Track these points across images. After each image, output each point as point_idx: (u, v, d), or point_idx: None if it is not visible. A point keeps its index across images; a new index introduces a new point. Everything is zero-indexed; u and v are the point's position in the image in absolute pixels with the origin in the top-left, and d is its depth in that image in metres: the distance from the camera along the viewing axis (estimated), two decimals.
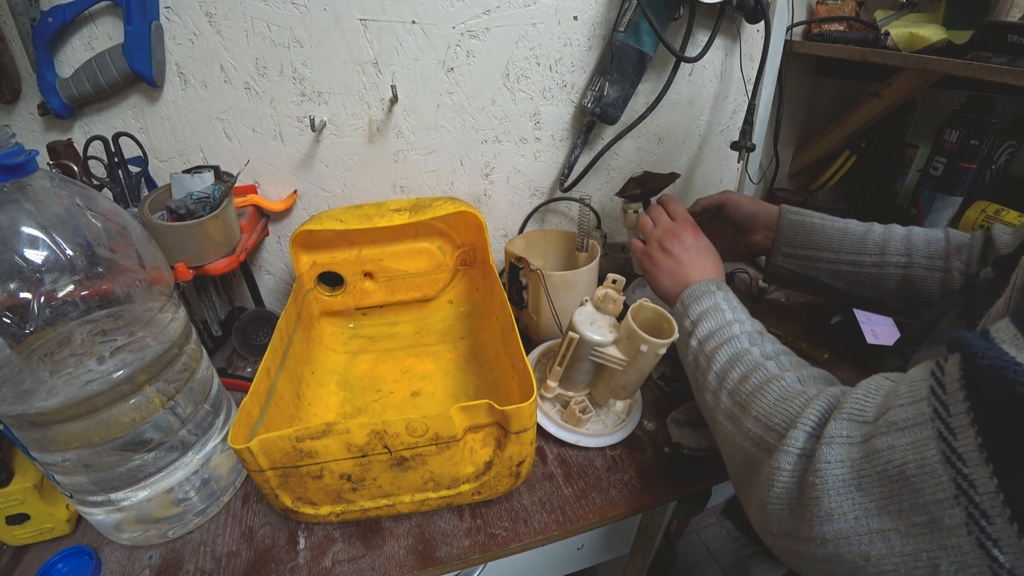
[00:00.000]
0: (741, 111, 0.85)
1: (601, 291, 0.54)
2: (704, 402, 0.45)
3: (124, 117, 0.63)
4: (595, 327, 0.52)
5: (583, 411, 0.56)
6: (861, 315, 0.73)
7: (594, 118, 0.75)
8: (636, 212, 0.69)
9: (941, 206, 0.84)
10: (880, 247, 0.56)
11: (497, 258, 0.83)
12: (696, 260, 0.55)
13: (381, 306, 0.75)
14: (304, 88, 0.65)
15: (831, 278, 0.59)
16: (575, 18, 0.70)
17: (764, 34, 0.75)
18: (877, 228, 0.58)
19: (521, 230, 0.85)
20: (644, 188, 0.68)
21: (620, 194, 0.70)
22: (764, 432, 0.35)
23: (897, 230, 0.57)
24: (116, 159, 0.60)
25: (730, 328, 0.46)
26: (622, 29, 0.69)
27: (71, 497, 0.44)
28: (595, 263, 0.67)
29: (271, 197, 0.72)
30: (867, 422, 0.28)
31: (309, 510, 0.47)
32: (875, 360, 0.68)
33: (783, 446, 0.31)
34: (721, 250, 0.70)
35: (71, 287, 0.37)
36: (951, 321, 0.38)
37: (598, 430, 0.57)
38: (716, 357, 0.44)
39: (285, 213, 0.74)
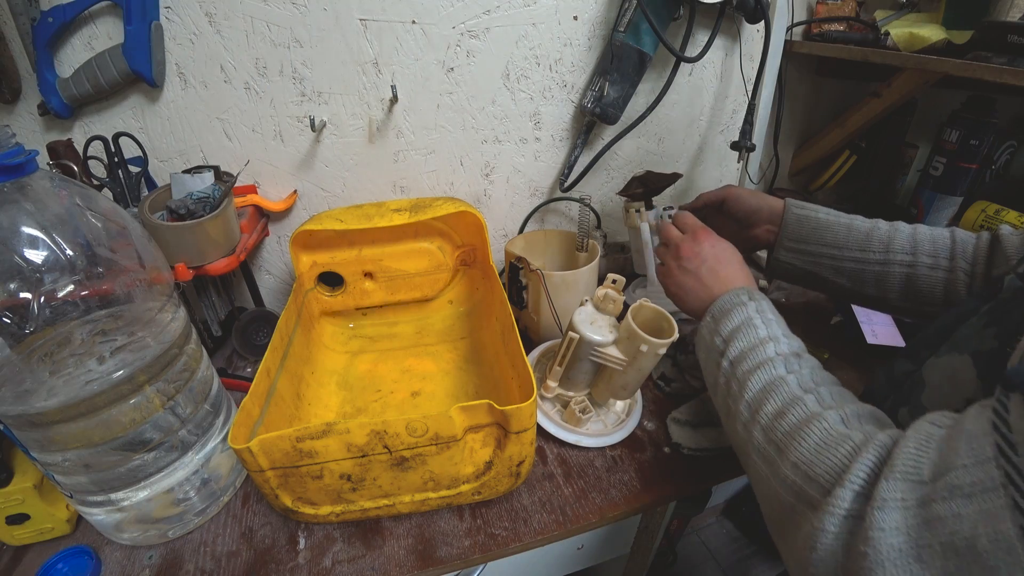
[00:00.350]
0: (741, 111, 0.85)
1: (601, 291, 0.54)
2: (734, 433, 0.41)
3: (124, 117, 0.63)
4: (595, 327, 0.52)
5: (583, 411, 0.56)
6: (861, 315, 0.73)
7: (594, 118, 0.75)
8: (638, 211, 0.69)
9: (941, 206, 0.84)
10: (885, 245, 0.55)
11: (497, 258, 0.83)
12: (719, 269, 0.51)
13: (381, 306, 0.75)
14: (304, 88, 0.65)
15: (834, 274, 0.59)
16: (575, 18, 0.70)
17: (764, 34, 0.75)
18: (882, 225, 0.57)
19: (521, 230, 0.85)
20: (647, 187, 0.68)
21: (622, 193, 0.70)
22: (805, 483, 0.32)
23: (903, 228, 0.56)
24: (116, 159, 0.60)
25: (764, 349, 0.42)
26: (622, 29, 0.69)
27: (71, 497, 0.44)
28: (595, 263, 0.67)
29: (271, 197, 0.72)
30: (923, 482, 0.25)
31: (309, 510, 0.47)
32: (875, 360, 0.68)
33: (828, 506, 0.28)
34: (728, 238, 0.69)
35: (71, 287, 0.37)
36: (976, 330, 0.35)
37: (598, 430, 0.57)
38: (748, 384, 0.40)
39: (285, 213, 0.74)
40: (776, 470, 0.34)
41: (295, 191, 0.72)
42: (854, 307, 0.74)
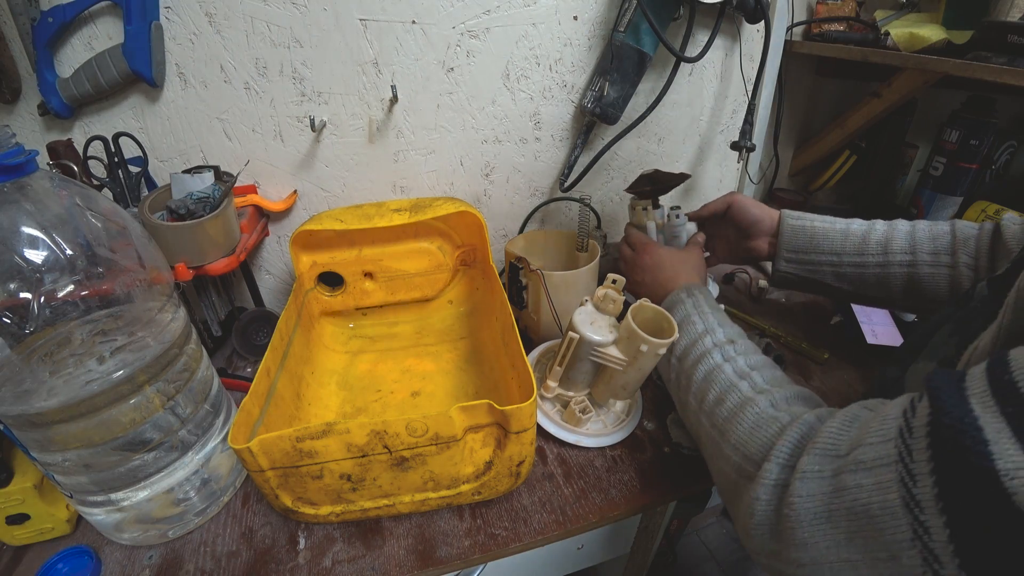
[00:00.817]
0: (741, 111, 0.85)
1: (601, 291, 0.54)
2: (688, 421, 0.46)
3: (124, 117, 0.63)
4: (595, 327, 0.52)
5: (583, 411, 0.56)
6: (861, 315, 0.73)
7: (594, 118, 0.75)
8: (644, 209, 0.68)
9: (941, 206, 0.84)
10: (883, 246, 0.56)
11: (497, 258, 0.83)
12: (659, 276, 0.57)
13: (381, 306, 0.75)
14: (304, 88, 0.65)
15: (835, 280, 0.59)
16: (575, 18, 0.70)
17: (764, 34, 0.75)
18: (880, 226, 0.57)
19: (521, 230, 0.85)
20: (655, 186, 0.68)
21: (630, 190, 0.69)
22: (743, 461, 0.36)
23: (900, 227, 0.56)
24: (116, 159, 0.60)
25: (703, 342, 0.46)
26: (622, 29, 0.69)
27: (71, 497, 0.44)
28: (595, 263, 0.67)
29: (271, 197, 0.72)
30: (839, 456, 0.29)
31: (309, 510, 0.47)
32: (875, 360, 0.68)
33: (760, 478, 0.33)
34: (722, 252, 0.70)
35: (71, 287, 0.37)
36: (943, 338, 0.37)
37: (598, 430, 0.57)
38: (693, 377, 0.45)
39: (285, 213, 0.74)
40: (721, 451, 0.39)
41: (295, 191, 0.72)
42: (854, 307, 0.74)
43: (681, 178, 0.67)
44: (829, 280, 0.60)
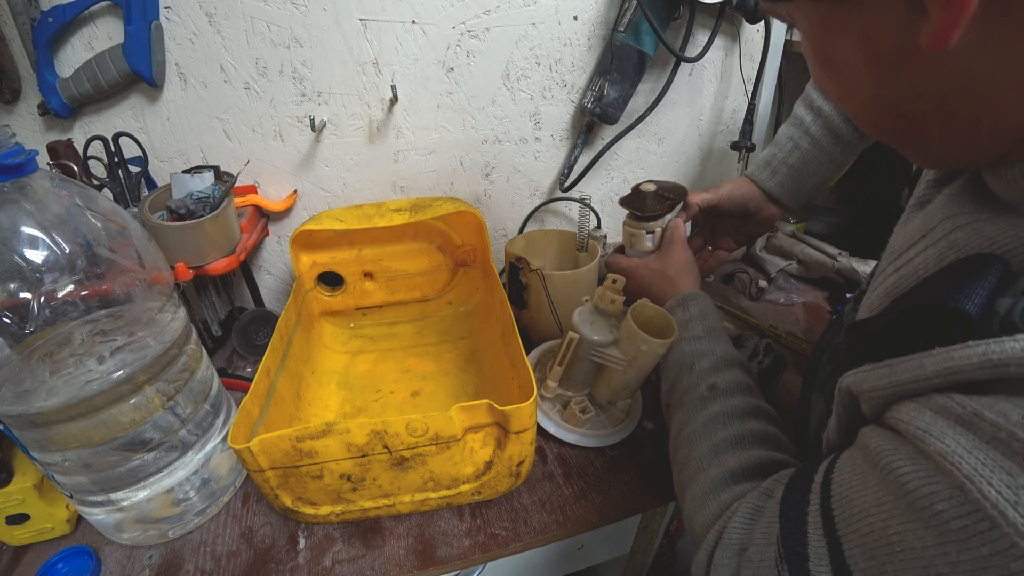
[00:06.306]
0: (741, 111, 0.84)
1: (601, 291, 0.54)
2: (670, 457, 0.47)
3: (124, 117, 0.63)
4: (595, 327, 0.52)
5: (583, 411, 0.56)
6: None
7: (594, 118, 0.75)
8: (650, 233, 0.62)
9: None
10: (857, 136, 0.57)
11: (497, 258, 0.83)
12: (648, 293, 0.55)
13: (381, 306, 0.75)
14: (304, 88, 0.65)
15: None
16: (575, 18, 0.70)
17: (764, 34, 0.75)
18: (835, 120, 0.57)
19: (521, 230, 0.85)
20: (672, 200, 0.61)
21: (641, 212, 0.61)
22: (692, 531, 0.39)
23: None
24: (116, 159, 0.60)
25: (687, 379, 0.46)
26: (622, 29, 0.69)
27: (71, 497, 0.44)
28: (595, 263, 0.67)
29: (271, 197, 0.72)
30: (741, 550, 0.33)
31: (309, 510, 0.47)
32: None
33: (699, 555, 0.36)
34: (730, 242, 0.69)
35: (71, 287, 0.37)
36: (825, 374, 0.39)
37: (598, 430, 0.57)
38: (673, 422, 0.46)
39: (285, 213, 0.74)
40: (683, 506, 0.41)
41: (295, 191, 0.72)
42: None
43: (681, 192, 0.61)
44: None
